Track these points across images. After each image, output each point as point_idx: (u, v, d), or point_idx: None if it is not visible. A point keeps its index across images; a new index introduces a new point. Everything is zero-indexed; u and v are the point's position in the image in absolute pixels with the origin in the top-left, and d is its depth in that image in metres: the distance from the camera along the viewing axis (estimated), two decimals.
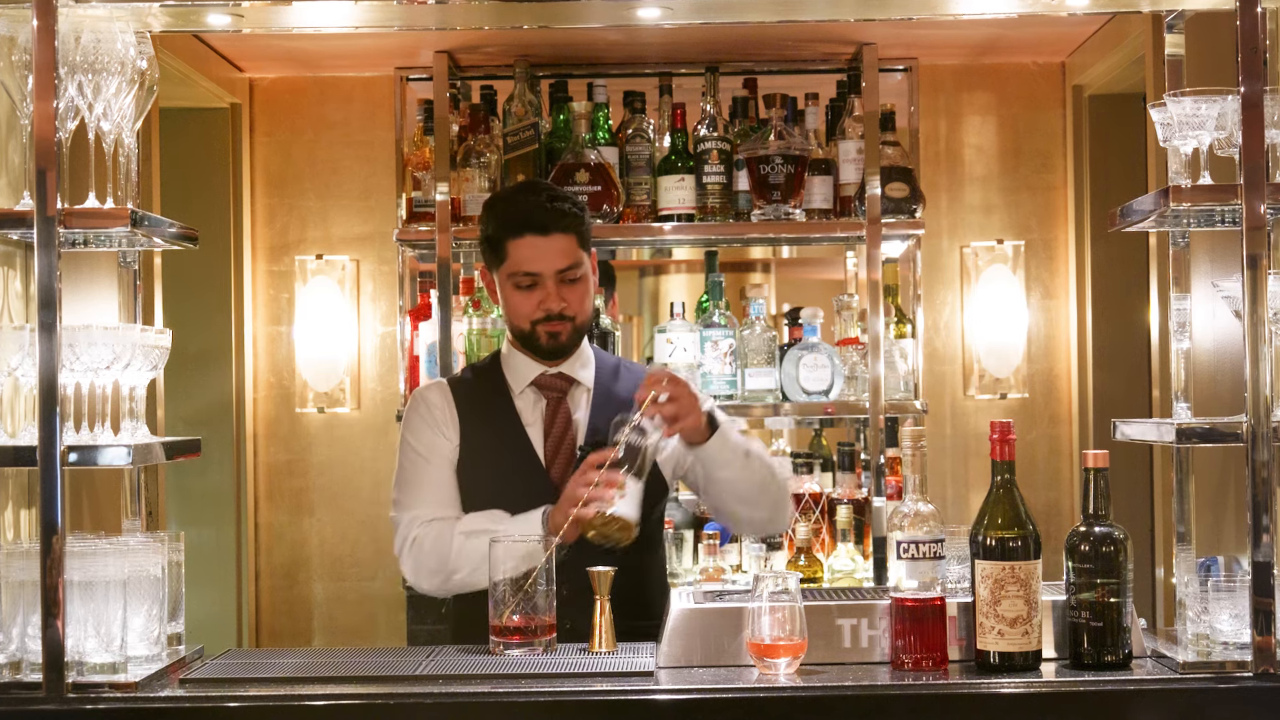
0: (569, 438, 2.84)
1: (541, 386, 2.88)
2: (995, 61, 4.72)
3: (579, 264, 2.82)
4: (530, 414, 2.87)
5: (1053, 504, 4.70)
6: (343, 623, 4.75)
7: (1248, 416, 2.33)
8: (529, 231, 2.78)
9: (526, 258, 2.79)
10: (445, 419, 2.88)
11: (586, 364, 2.91)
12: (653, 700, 2.24)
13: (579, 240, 2.82)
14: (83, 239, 2.53)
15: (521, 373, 2.89)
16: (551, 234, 2.78)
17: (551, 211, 2.79)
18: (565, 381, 2.88)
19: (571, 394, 2.88)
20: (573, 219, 2.81)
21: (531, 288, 2.81)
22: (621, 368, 2.97)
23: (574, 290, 2.82)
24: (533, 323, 2.82)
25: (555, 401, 2.87)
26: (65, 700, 2.25)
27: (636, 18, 2.75)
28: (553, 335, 2.82)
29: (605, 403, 2.85)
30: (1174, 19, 2.71)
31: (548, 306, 2.80)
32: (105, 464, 2.38)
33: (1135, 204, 2.57)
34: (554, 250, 2.79)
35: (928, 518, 2.32)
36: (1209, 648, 2.36)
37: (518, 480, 2.81)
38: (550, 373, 2.88)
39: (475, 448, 2.86)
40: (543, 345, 2.84)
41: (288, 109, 4.79)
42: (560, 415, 2.86)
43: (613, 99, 4.22)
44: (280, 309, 4.79)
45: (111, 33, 2.46)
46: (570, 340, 2.85)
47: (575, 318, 2.83)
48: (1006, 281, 4.70)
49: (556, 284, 2.80)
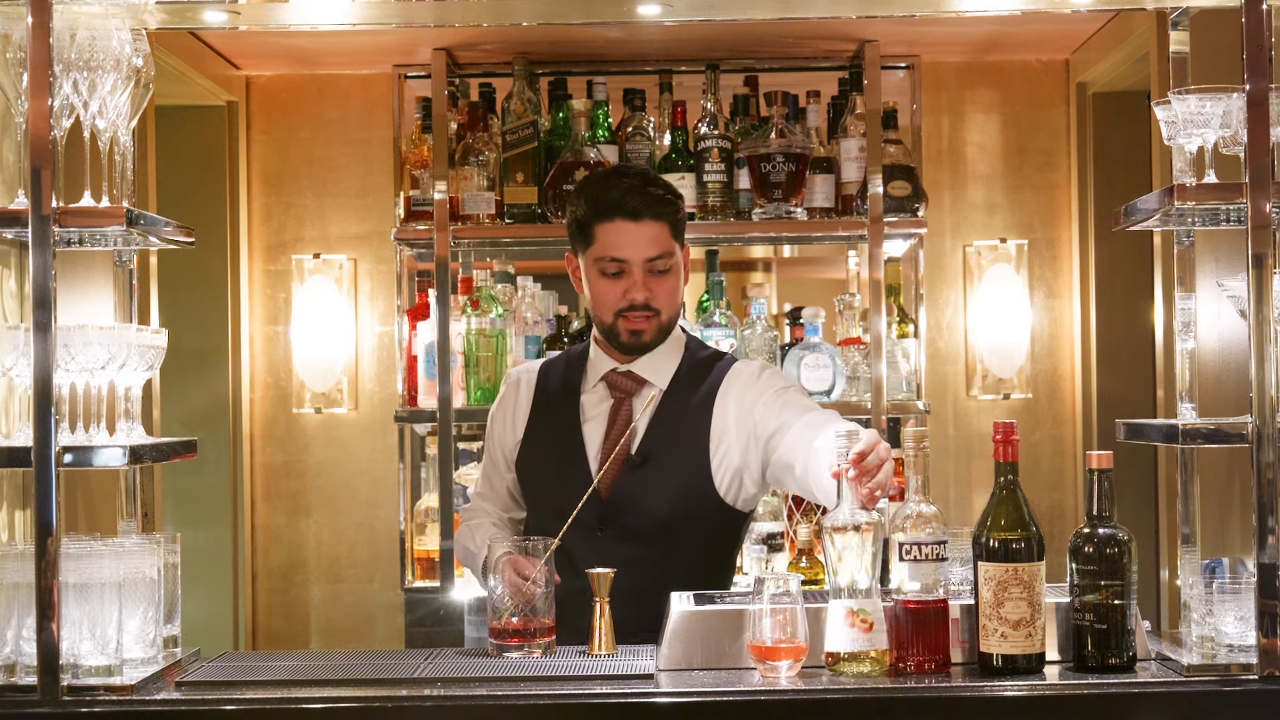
0: (626, 442, 2.73)
1: (610, 384, 2.79)
2: (998, 59, 4.70)
3: (670, 254, 2.72)
4: (593, 410, 2.78)
5: (1056, 505, 4.68)
6: (340, 625, 4.74)
7: (1253, 417, 2.32)
8: (619, 216, 2.69)
9: (615, 243, 2.69)
10: (515, 411, 2.87)
11: (665, 363, 2.79)
12: (653, 703, 2.22)
13: (671, 230, 2.72)
14: (78, 238, 2.52)
15: (597, 365, 2.81)
16: (643, 220, 2.69)
17: (645, 196, 2.70)
18: (633, 382, 2.78)
19: (639, 395, 2.77)
20: (667, 206, 2.72)
21: (618, 275, 2.70)
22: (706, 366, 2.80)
23: (662, 283, 2.72)
24: (616, 313, 2.72)
25: (619, 402, 2.77)
26: (60, 703, 2.24)
27: (637, 14, 2.74)
28: (634, 333, 2.72)
29: (671, 406, 2.75)
30: (1179, 16, 2.69)
31: (633, 296, 2.70)
32: (100, 465, 2.37)
33: (1139, 203, 2.56)
34: (644, 237, 2.69)
35: (930, 519, 2.31)
36: (1214, 650, 2.35)
37: (564, 477, 2.74)
38: (620, 370, 2.78)
39: (535, 438, 2.81)
40: (623, 341, 2.74)
41: (285, 107, 4.78)
42: (620, 418, 2.75)
43: (612, 97, 4.21)
44: (277, 308, 4.78)
45: (107, 30, 2.45)
46: (653, 338, 2.74)
47: (661, 312, 2.72)
48: (1010, 281, 4.68)
49: (644, 273, 2.70)
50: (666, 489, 2.73)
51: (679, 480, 2.74)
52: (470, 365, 4.05)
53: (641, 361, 2.78)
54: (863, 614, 2.27)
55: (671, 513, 2.73)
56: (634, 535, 2.68)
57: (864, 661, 2.28)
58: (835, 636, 2.29)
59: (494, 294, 4.11)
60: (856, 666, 2.28)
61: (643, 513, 2.71)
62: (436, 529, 4.11)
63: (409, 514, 4.28)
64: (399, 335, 4.33)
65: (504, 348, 4.05)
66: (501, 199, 4.11)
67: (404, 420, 4.16)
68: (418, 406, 4.14)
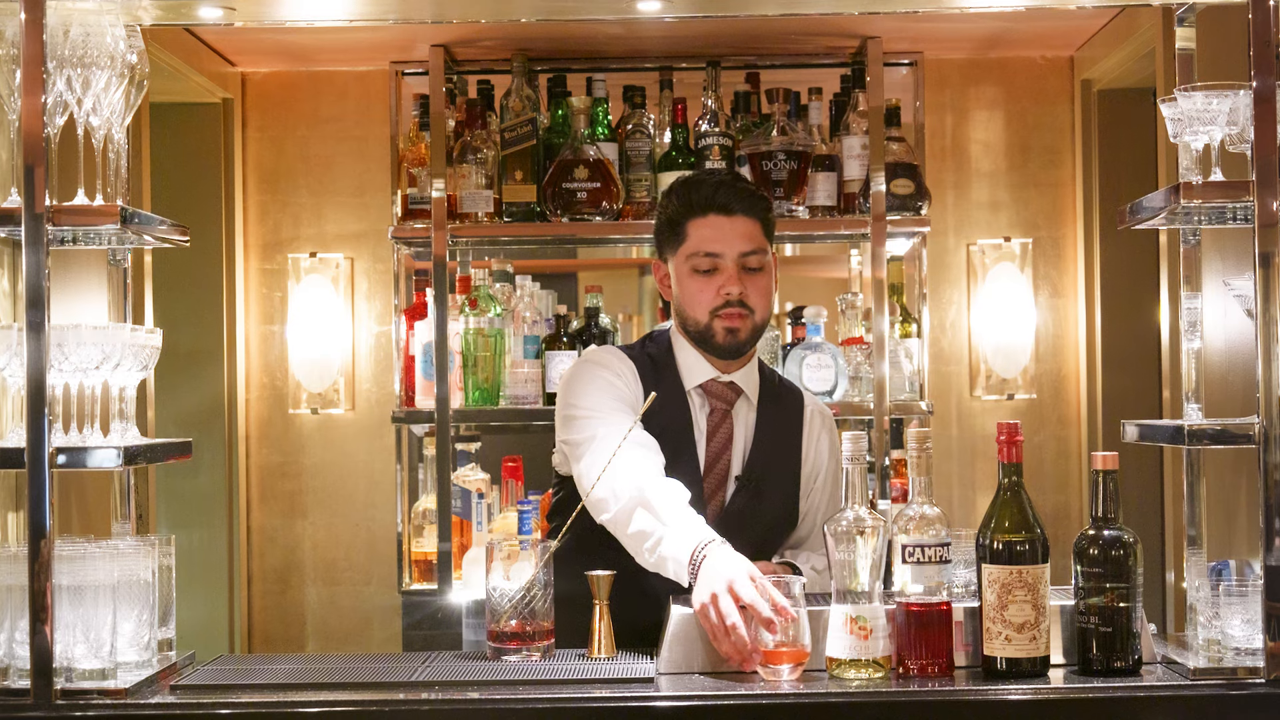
0: (726, 457, 2.70)
1: (709, 392, 2.72)
2: (1002, 55, 4.69)
3: (763, 251, 2.70)
4: (696, 419, 2.72)
5: (1061, 507, 4.66)
6: (336, 628, 4.72)
7: (1260, 418, 2.32)
8: (713, 211, 2.68)
9: (708, 237, 2.67)
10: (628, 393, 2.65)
11: (753, 376, 2.76)
12: (653, 707, 2.22)
13: (763, 228, 2.71)
14: (71, 236, 2.51)
15: (693, 371, 2.73)
16: (735, 215, 2.68)
17: (737, 191, 2.70)
18: (734, 392, 2.73)
19: (737, 407, 2.73)
20: (759, 203, 2.71)
21: (711, 272, 2.67)
22: (781, 387, 2.81)
23: (755, 280, 2.69)
24: (711, 312, 2.66)
25: (721, 413, 2.72)
26: (54, 707, 2.23)
27: (637, 11, 2.75)
28: (731, 331, 2.67)
29: (766, 425, 2.72)
30: (1185, 12, 2.69)
31: (728, 290, 2.65)
32: (94, 466, 2.36)
33: (1145, 201, 2.56)
34: (737, 232, 2.67)
35: (933, 521, 2.30)
36: (1220, 653, 2.34)
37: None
38: (722, 379, 2.72)
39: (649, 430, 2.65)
40: (719, 343, 2.68)
41: (281, 104, 4.75)
42: (723, 430, 2.71)
43: (612, 94, 4.20)
44: (273, 308, 4.75)
45: (101, 26, 2.44)
46: (749, 339, 2.69)
47: (756, 311, 2.68)
48: (1014, 280, 4.67)
49: (738, 269, 2.67)
50: (768, 515, 2.73)
51: (779, 509, 2.75)
52: (468, 365, 4.03)
53: (740, 373, 2.74)
54: (861, 621, 2.26)
55: (762, 539, 2.72)
56: None
57: (863, 668, 2.27)
58: (835, 642, 2.28)
59: (492, 293, 4.09)
60: (855, 673, 2.27)
61: (744, 535, 2.60)
62: (434, 531, 4.09)
63: (406, 516, 4.27)
64: (396, 335, 4.31)
65: (502, 347, 4.04)
66: (500, 197, 4.09)
67: (401, 421, 4.14)
68: (415, 407, 4.12)
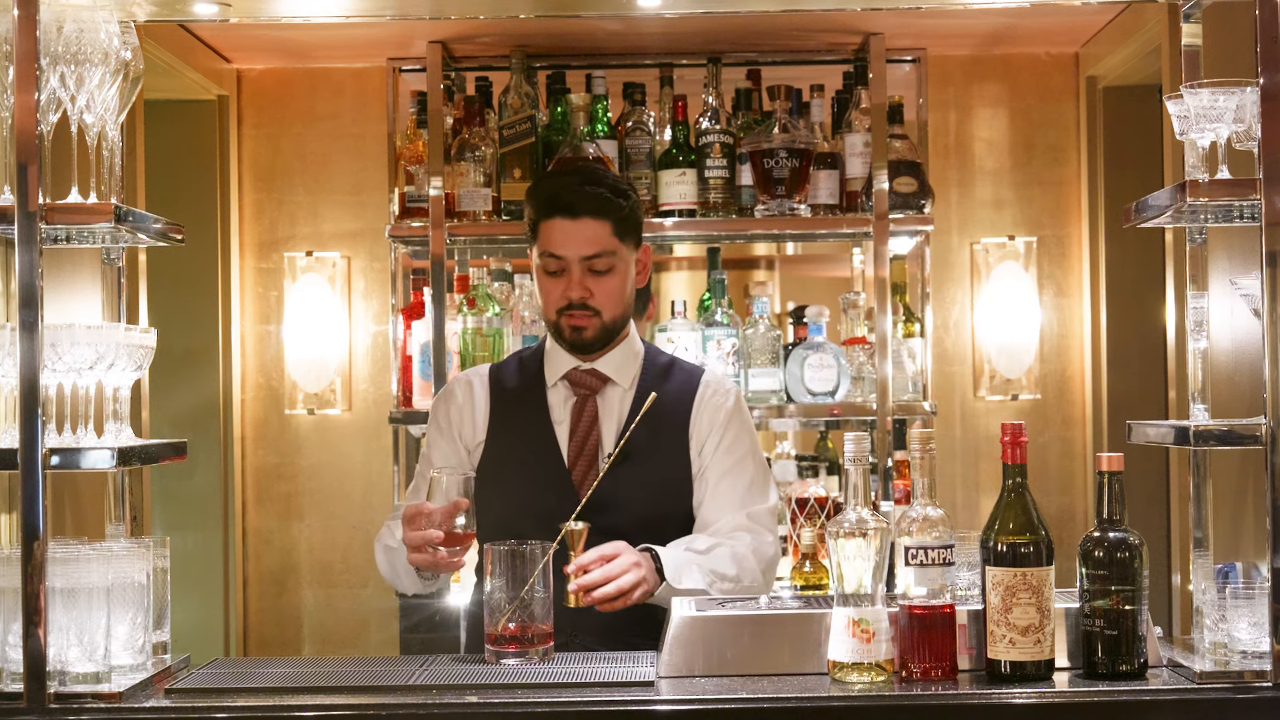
0: (593, 439, 2.77)
1: (573, 382, 2.81)
2: (1006, 52, 4.68)
3: (610, 254, 2.73)
4: (560, 410, 2.80)
5: (1066, 508, 4.66)
6: (333, 631, 4.71)
7: (1267, 418, 2.31)
8: (557, 213, 2.72)
9: (554, 240, 2.73)
10: (469, 416, 2.82)
11: (627, 362, 2.83)
12: (653, 711, 2.21)
13: (614, 229, 2.73)
14: (65, 235, 2.50)
15: (556, 365, 2.82)
16: (580, 218, 2.71)
17: (582, 194, 2.72)
18: (597, 379, 2.81)
19: (604, 393, 2.80)
20: (606, 204, 2.72)
21: (558, 274, 2.74)
22: (675, 369, 2.87)
23: (601, 282, 2.74)
24: (558, 311, 2.75)
25: (583, 399, 2.80)
26: (47, 711, 2.22)
27: (637, 7, 2.75)
28: (576, 329, 2.75)
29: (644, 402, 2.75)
30: (1191, 8, 2.68)
31: (570, 294, 2.72)
32: (88, 467, 2.35)
33: (1151, 199, 2.55)
34: (582, 236, 2.72)
35: (937, 522, 2.28)
36: (1227, 656, 2.34)
37: (540, 476, 2.76)
38: (582, 368, 2.81)
39: (503, 439, 2.80)
40: (566, 339, 2.78)
41: (277, 101, 4.74)
42: (586, 414, 2.78)
43: (612, 91, 4.19)
44: (269, 307, 4.73)
45: (95, 22, 2.43)
46: (597, 337, 2.76)
47: (601, 312, 2.74)
48: (1018, 279, 4.66)
49: (582, 272, 2.72)
50: (647, 488, 2.75)
51: (659, 478, 2.77)
52: (466, 365, 4.01)
53: (603, 360, 2.81)
54: (864, 624, 2.24)
55: (650, 510, 2.75)
56: (612, 533, 2.66)
57: (864, 671, 2.25)
58: (837, 645, 2.27)
59: (490, 292, 4.07)
60: (857, 676, 2.26)
61: (622, 510, 2.70)
62: None
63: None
64: (393, 335, 4.30)
65: (501, 347, 4.02)
66: (498, 195, 4.07)
67: (399, 421, 4.13)
68: (413, 407, 4.10)
